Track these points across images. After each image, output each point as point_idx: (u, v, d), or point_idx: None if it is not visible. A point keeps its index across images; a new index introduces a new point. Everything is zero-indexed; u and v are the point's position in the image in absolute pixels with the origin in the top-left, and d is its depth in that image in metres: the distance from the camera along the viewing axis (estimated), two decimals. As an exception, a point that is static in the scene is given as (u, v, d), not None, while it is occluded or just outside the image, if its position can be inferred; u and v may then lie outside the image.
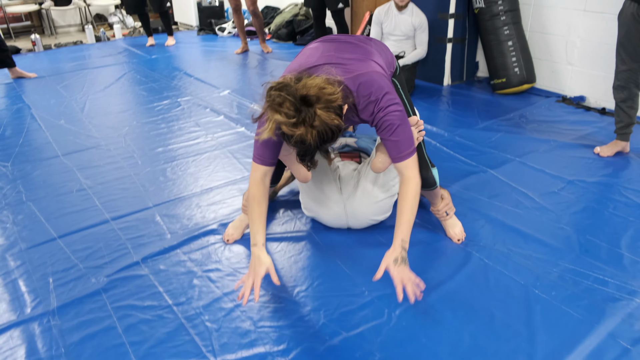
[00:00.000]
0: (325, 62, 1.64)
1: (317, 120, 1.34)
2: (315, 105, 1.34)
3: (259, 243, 1.68)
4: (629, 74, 2.63)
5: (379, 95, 1.58)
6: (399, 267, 1.54)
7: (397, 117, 1.58)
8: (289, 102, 1.31)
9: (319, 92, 1.35)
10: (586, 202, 2.38)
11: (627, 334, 1.62)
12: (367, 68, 1.64)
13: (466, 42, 4.13)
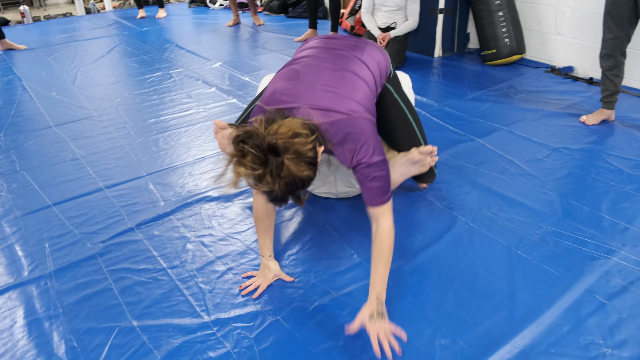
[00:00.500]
0: (304, 102, 1.54)
1: (285, 170, 1.25)
2: (283, 155, 1.24)
3: (267, 255, 1.77)
4: (615, 42, 2.67)
5: (357, 146, 1.51)
6: (374, 321, 1.44)
7: (374, 169, 1.52)
8: (252, 155, 1.23)
9: (288, 142, 1.25)
10: (570, 169, 2.44)
11: (603, 290, 1.69)
12: (347, 110, 1.55)
13: (457, 13, 4.13)
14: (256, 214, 1.74)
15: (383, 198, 1.54)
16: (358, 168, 1.54)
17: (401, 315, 1.62)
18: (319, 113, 1.51)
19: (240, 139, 1.25)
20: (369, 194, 1.55)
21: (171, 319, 1.63)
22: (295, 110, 1.51)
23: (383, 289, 1.51)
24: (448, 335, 1.55)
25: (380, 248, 1.53)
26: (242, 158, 1.24)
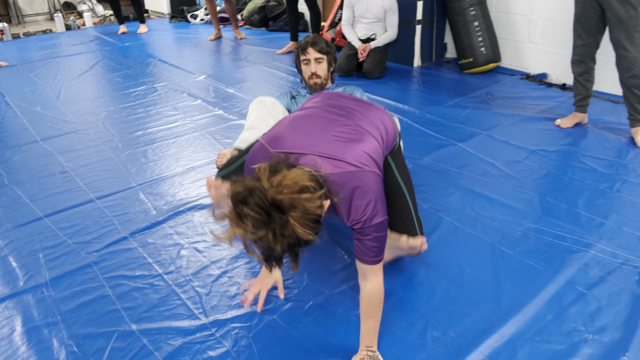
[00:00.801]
0: (312, 149, 1.41)
1: (289, 230, 1.14)
2: (288, 213, 1.13)
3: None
4: (585, 48, 2.80)
5: (363, 203, 1.37)
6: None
7: (375, 229, 1.41)
8: (252, 218, 1.12)
9: (295, 199, 1.14)
10: (547, 169, 2.55)
11: (583, 280, 1.78)
12: (358, 162, 1.41)
13: (435, 24, 4.26)
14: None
15: (377, 258, 1.45)
16: (358, 225, 1.41)
17: (393, 310, 1.68)
18: (327, 162, 1.38)
19: (239, 199, 1.13)
20: (364, 251, 1.44)
21: (170, 322, 1.66)
22: (301, 157, 1.38)
23: (374, 342, 1.50)
24: (438, 327, 1.61)
25: (370, 304, 1.47)
26: (239, 220, 1.14)
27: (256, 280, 1.74)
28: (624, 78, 2.71)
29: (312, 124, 1.53)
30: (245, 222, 1.12)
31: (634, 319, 1.62)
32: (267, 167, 1.20)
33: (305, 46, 2.37)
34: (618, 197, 2.30)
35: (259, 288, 1.71)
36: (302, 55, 2.39)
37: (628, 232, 2.04)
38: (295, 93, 2.49)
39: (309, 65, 2.39)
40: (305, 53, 2.37)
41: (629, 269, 1.84)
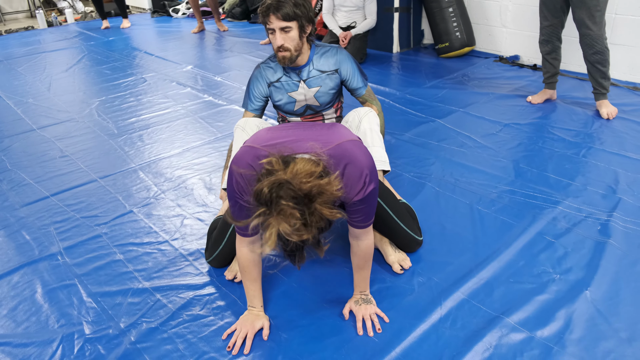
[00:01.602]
0: (297, 137, 1.45)
1: (317, 217, 1.16)
2: (316, 201, 1.15)
3: (257, 306, 1.63)
4: (551, 29, 3.01)
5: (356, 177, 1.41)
6: (360, 305, 1.61)
7: (368, 197, 1.45)
8: (292, 209, 1.13)
9: (319, 186, 1.16)
10: (520, 140, 2.76)
11: (551, 232, 1.99)
12: (341, 136, 1.48)
13: (411, 11, 4.45)
14: (242, 264, 1.58)
15: (369, 222, 1.52)
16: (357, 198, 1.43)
17: (382, 262, 1.86)
18: (317, 144, 1.41)
19: (273, 195, 1.13)
20: (358, 217, 1.49)
21: (179, 280, 1.82)
22: (294, 145, 1.40)
23: (366, 287, 1.64)
24: (424, 274, 1.80)
25: (363, 258, 1.58)
26: (279, 215, 1.13)
27: (241, 323, 1.59)
28: (587, 55, 2.92)
29: (289, 125, 1.60)
30: (291, 215, 1.12)
31: (595, 260, 1.83)
32: (277, 159, 1.22)
33: (267, 12, 1.82)
34: (584, 161, 2.51)
35: (245, 332, 1.57)
36: (265, 24, 1.87)
37: (592, 190, 2.26)
38: (272, 78, 2.01)
39: (274, 35, 1.86)
40: (268, 22, 1.84)
41: (592, 221, 2.04)
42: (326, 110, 2.10)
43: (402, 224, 1.86)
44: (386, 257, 1.86)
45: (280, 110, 2.12)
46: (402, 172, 2.48)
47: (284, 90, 2.01)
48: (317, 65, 2.00)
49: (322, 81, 2.01)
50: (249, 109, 2.08)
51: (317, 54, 2.00)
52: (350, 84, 2.07)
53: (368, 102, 2.15)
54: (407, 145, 2.75)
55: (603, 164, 2.47)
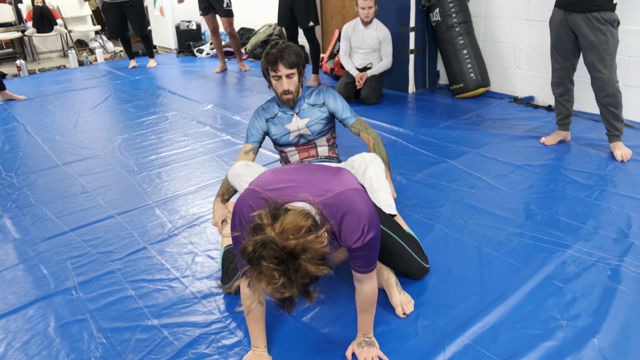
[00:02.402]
0: (299, 183, 1.50)
1: (302, 272, 1.18)
2: (300, 258, 1.18)
3: (261, 346, 1.65)
4: (562, 71, 3.05)
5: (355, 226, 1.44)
6: (363, 348, 1.63)
7: (369, 244, 1.47)
8: (273, 270, 1.16)
9: (304, 243, 1.18)
10: (532, 182, 2.76)
11: (560, 276, 1.97)
12: (343, 184, 1.50)
13: (427, 53, 4.54)
14: (247, 307, 1.56)
15: (371, 267, 1.54)
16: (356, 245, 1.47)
17: (387, 304, 1.87)
18: (315, 190, 1.46)
19: (257, 256, 1.17)
20: (359, 264, 1.53)
21: (187, 317, 1.86)
22: (292, 191, 1.45)
23: (370, 330, 1.66)
24: (428, 317, 1.80)
25: (366, 302, 1.60)
26: (264, 276, 1.17)
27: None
28: (599, 97, 2.94)
29: (295, 168, 1.63)
30: (270, 276, 1.16)
31: (604, 307, 1.80)
32: (267, 213, 1.25)
33: (275, 61, 2.11)
34: (596, 204, 2.50)
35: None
36: (271, 71, 2.15)
37: (603, 234, 2.24)
38: (270, 115, 2.30)
39: (280, 81, 2.16)
40: (276, 70, 2.13)
41: (603, 266, 2.02)
42: (318, 139, 2.33)
43: (410, 250, 1.91)
44: (391, 298, 1.87)
45: (277, 144, 2.36)
46: (412, 213, 2.50)
47: (280, 124, 2.30)
48: (307, 100, 2.33)
49: (312, 112, 2.31)
50: (248, 141, 2.35)
51: (308, 92, 2.35)
52: (338, 115, 2.36)
53: (363, 132, 2.38)
54: (418, 185, 2.78)
55: (616, 207, 2.45)
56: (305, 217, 1.25)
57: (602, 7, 2.74)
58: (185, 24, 7.10)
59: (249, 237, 1.22)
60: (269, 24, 6.55)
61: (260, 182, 1.54)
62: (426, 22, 4.42)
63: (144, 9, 6.13)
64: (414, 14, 4.31)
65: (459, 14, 4.15)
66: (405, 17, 4.33)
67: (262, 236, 1.19)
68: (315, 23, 4.82)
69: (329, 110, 2.34)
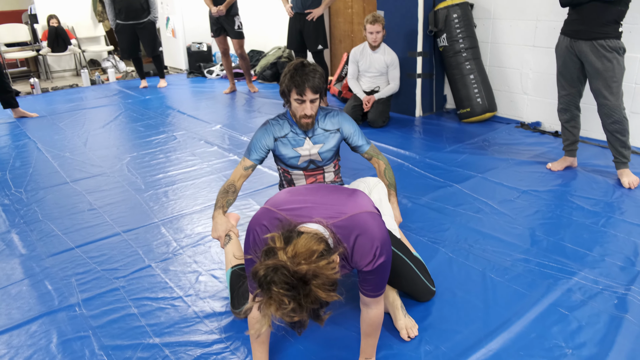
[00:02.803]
0: (313, 204, 1.50)
1: (313, 297, 1.18)
2: (311, 283, 1.18)
3: None
4: (569, 98, 3.06)
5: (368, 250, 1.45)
6: None
7: (380, 268, 1.48)
8: (283, 296, 1.16)
9: (315, 269, 1.18)
10: (537, 207, 2.75)
11: (565, 304, 1.95)
12: (358, 206, 1.50)
13: (434, 77, 4.58)
14: (252, 325, 1.60)
15: (380, 292, 1.55)
16: (368, 268, 1.48)
17: (391, 328, 1.86)
18: (330, 211, 1.47)
19: (267, 281, 1.17)
20: (368, 287, 1.53)
21: (189, 337, 1.85)
22: (306, 212, 1.46)
23: (372, 354, 1.66)
24: (431, 342, 1.78)
25: (371, 326, 1.61)
26: (273, 301, 1.17)
27: None
28: (606, 124, 2.94)
29: (310, 188, 1.63)
30: (280, 301, 1.16)
31: (611, 336, 1.78)
32: (280, 236, 1.25)
33: (302, 85, 1.98)
34: (602, 231, 2.48)
35: None
36: (296, 94, 2.01)
37: (610, 262, 2.22)
38: (280, 133, 2.17)
39: (303, 105, 2.04)
40: (302, 94, 2.00)
41: (609, 294, 2.00)
42: (326, 165, 2.28)
43: (418, 272, 1.92)
44: (395, 321, 1.86)
45: (283, 164, 2.25)
46: (417, 236, 2.49)
47: (290, 145, 2.18)
48: (322, 125, 2.20)
49: (325, 139, 2.21)
50: (250, 157, 2.17)
51: (321, 115, 2.21)
52: (352, 142, 2.28)
53: (374, 158, 2.32)
54: (423, 209, 2.78)
55: (623, 235, 2.44)
56: (318, 242, 1.25)
57: (608, 35, 2.77)
58: (196, 45, 7.22)
59: (261, 261, 1.22)
60: (279, 47, 6.65)
61: (275, 201, 1.55)
62: (433, 47, 4.47)
63: (156, 30, 6.24)
64: (422, 39, 4.36)
65: (466, 39, 4.20)
66: (413, 42, 4.38)
67: (273, 260, 1.19)
68: (324, 46, 4.89)
69: (343, 136, 2.24)
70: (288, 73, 2.02)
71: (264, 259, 1.22)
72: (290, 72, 2.01)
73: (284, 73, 2.05)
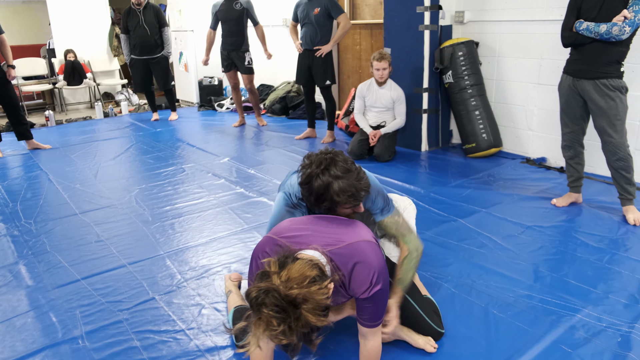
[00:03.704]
0: (312, 232, 1.55)
1: (303, 321, 1.23)
2: (301, 307, 1.23)
3: None
4: (572, 135, 3.09)
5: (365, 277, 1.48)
6: None
7: (377, 296, 1.51)
8: (273, 318, 1.21)
9: (306, 293, 1.24)
10: (542, 243, 2.75)
11: (568, 341, 1.94)
12: (356, 235, 1.55)
13: (440, 113, 4.65)
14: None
15: (377, 322, 1.57)
16: (364, 296, 1.51)
17: None
18: (328, 239, 1.51)
19: (258, 302, 1.22)
20: (365, 316, 1.56)
21: (190, 371, 1.86)
22: (305, 239, 1.51)
23: None
24: (432, 379, 1.77)
25: (369, 358, 1.64)
26: (263, 323, 1.22)
27: None
28: (610, 161, 2.96)
29: (312, 217, 1.68)
30: (268, 322, 1.21)
31: (614, 376, 1.76)
32: (275, 261, 1.32)
33: (358, 202, 1.71)
34: (607, 268, 2.47)
35: None
36: (350, 205, 1.70)
37: (614, 299, 2.20)
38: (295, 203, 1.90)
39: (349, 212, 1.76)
40: (356, 209, 1.75)
41: (612, 332, 1.99)
42: None
43: (424, 315, 1.92)
44: (415, 341, 1.91)
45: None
46: (420, 272, 2.49)
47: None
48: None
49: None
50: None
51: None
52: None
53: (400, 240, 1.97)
54: (426, 244, 2.78)
55: (627, 272, 2.42)
56: (312, 267, 1.31)
57: (610, 74, 2.81)
58: (207, 79, 7.38)
59: (255, 284, 1.28)
60: (288, 82, 6.78)
61: (277, 229, 1.62)
62: (439, 84, 4.55)
63: (169, 65, 6.41)
64: (428, 76, 4.45)
65: (471, 76, 4.27)
66: (419, 79, 4.46)
67: (266, 283, 1.25)
68: (332, 82, 4.99)
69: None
70: (351, 193, 1.65)
71: (257, 282, 1.28)
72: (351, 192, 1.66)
73: (339, 188, 1.64)
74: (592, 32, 2.75)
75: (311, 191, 1.66)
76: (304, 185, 1.68)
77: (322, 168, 1.63)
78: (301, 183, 1.69)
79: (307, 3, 4.81)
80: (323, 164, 1.64)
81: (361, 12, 5.85)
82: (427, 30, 4.35)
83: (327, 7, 4.72)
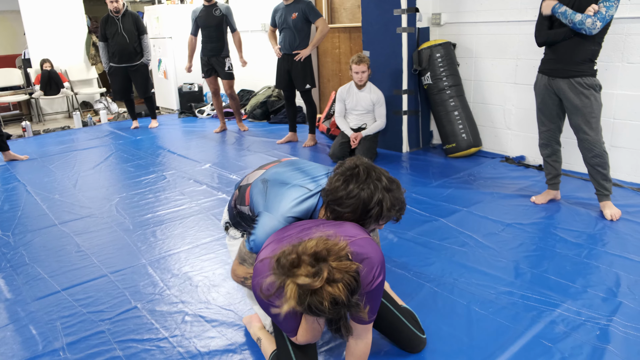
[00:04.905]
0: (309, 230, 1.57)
1: (337, 273, 1.28)
2: (328, 260, 1.29)
3: None
4: (549, 133, 3.15)
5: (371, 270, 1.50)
6: None
7: (375, 290, 1.53)
8: (304, 262, 1.28)
9: (326, 246, 1.31)
10: (521, 240, 2.79)
11: (549, 336, 1.97)
12: (353, 233, 1.56)
13: (419, 114, 4.69)
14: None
15: (372, 317, 1.58)
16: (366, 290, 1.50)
17: None
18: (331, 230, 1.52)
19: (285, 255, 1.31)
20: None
21: (173, 378, 1.84)
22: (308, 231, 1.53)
23: None
24: (416, 378, 1.78)
25: (358, 357, 1.65)
26: (296, 269, 1.28)
27: None
28: (587, 158, 3.01)
29: (303, 223, 1.66)
30: (301, 269, 1.28)
31: (594, 368, 1.79)
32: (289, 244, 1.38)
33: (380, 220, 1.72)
34: (585, 263, 2.51)
35: None
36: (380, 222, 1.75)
37: (592, 293, 2.24)
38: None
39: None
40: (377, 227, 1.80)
41: (592, 325, 2.02)
42: None
43: (405, 320, 1.91)
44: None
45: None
46: (402, 271, 2.51)
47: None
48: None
49: None
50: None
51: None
52: None
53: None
54: (409, 244, 2.80)
55: (605, 266, 2.47)
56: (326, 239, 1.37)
57: (584, 72, 2.87)
58: (187, 86, 7.34)
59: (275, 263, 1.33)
60: (268, 86, 6.78)
61: (265, 253, 1.59)
62: (418, 85, 4.59)
63: (149, 72, 6.37)
64: (407, 78, 4.49)
65: (449, 77, 4.32)
66: (398, 81, 4.50)
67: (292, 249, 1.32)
68: (312, 86, 5.01)
69: None
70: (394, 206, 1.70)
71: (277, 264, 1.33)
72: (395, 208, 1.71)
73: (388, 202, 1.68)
74: (567, 19, 2.78)
75: (356, 204, 1.61)
76: (349, 199, 1.60)
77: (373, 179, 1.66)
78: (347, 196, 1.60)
79: (285, 8, 4.83)
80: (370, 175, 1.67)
81: (339, 16, 5.89)
82: (405, 33, 4.39)
83: (305, 12, 4.74)
